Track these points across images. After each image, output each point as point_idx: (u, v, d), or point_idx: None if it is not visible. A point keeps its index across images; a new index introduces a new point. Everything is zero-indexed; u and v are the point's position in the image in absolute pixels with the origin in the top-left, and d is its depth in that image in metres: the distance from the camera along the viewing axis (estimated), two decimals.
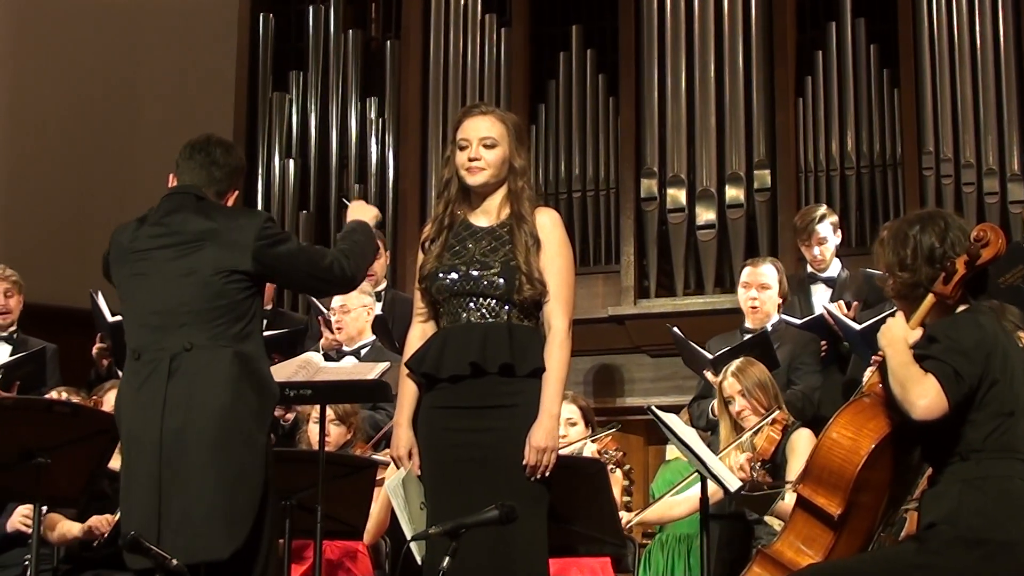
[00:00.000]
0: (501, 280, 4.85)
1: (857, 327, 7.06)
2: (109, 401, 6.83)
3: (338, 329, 7.67)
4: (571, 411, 7.07)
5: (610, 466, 6.76)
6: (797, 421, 6.68)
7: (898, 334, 4.36)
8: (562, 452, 6.48)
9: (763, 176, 9.93)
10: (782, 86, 10.09)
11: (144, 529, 4.70)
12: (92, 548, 6.36)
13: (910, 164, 9.66)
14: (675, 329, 7.75)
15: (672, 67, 10.24)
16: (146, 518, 4.80)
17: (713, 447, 6.70)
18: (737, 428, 6.70)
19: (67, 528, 6.43)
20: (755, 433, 6.54)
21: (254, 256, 4.97)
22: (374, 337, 7.72)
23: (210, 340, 4.91)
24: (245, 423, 4.88)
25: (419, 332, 5.04)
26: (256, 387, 4.95)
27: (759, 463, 6.35)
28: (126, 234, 5.17)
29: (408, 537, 5.00)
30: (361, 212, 5.42)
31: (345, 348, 7.62)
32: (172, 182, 5.29)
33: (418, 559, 4.92)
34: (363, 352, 7.56)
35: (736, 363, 6.78)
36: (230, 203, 5.23)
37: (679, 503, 6.77)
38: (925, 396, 4.19)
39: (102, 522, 6.30)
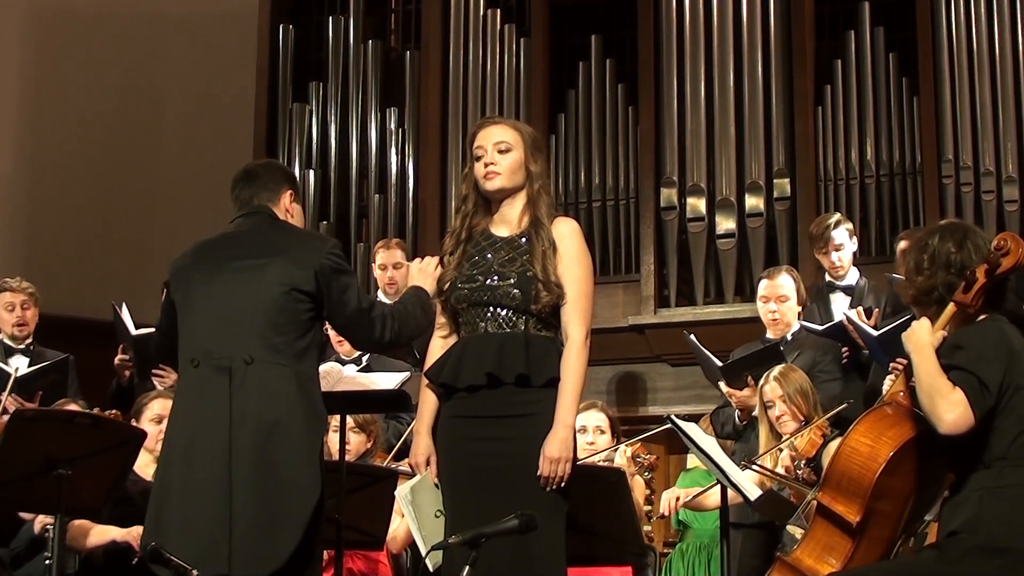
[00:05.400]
0: (517, 291, 4.85)
1: (875, 333, 7.04)
2: (153, 409, 6.78)
3: (339, 341, 7.60)
4: (599, 419, 7.08)
5: (642, 471, 6.77)
6: (836, 430, 6.65)
7: (925, 339, 4.34)
8: (592, 458, 6.52)
9: (783, 185, 9.92)
10: (801, 95, 10.09)
11: (211, 538, 4.76)
12: (121, 558, 6.35)
13: (929, 172, 9.66)
14: (691, 337, 7.74)
15: (691, 76, 10.25)
16: (213, 529, 4.81)
17: (738, 456, 6.69)
18: (776, 434, 6.69)
19: (104, 530, 6.36)
20: (796, 438, 6.52)
21: (315, 275, 5.00)
22: None
23: (270, 356, 4.93)
24: (302, 444, 4.90)
25: (439, 344, 5.05)
26: (310, 409, 4.97)
27: (803, 461, 6.34)
28: (192, 250, 5.25)
29: (420, 545, 5.01)
30: (421, 278, 5.35)
31: (345, 357, 7.54)
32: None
33: (430, 567, 4.92)
34: (364, 359, 7.51)
35: (778, 368, 6.79)
36: (284, 201, 5.27)
37: (713, 493, 6.71)
38: (952, 411, 4.18)
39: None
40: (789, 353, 7.33)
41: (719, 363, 7.36)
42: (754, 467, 6.26)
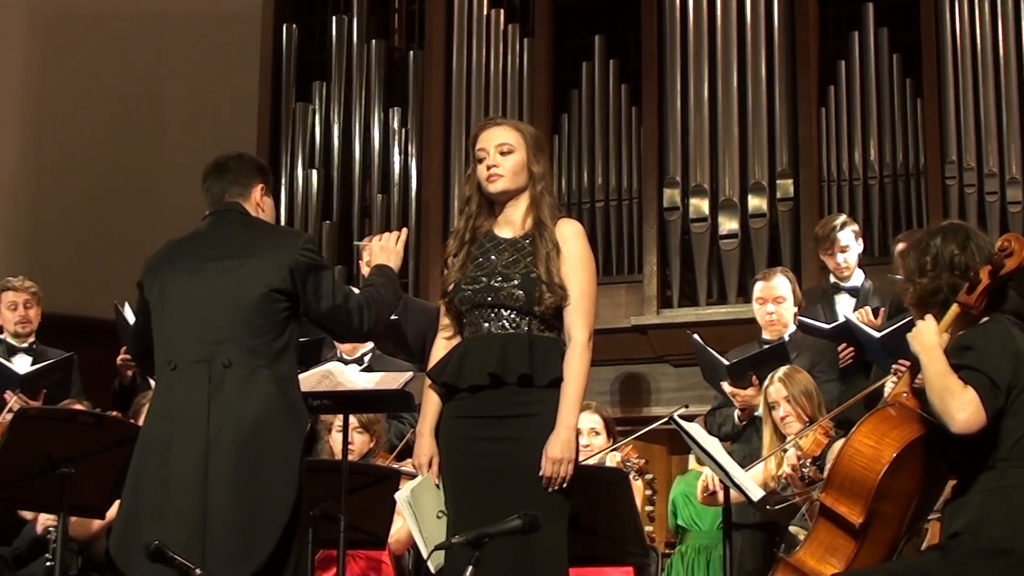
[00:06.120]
0: (520, 292, 4.87)
1: (877, 335, 7.03)
2: None
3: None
4: (594, 421, 7.07)
5: (632, 475, 6.75)
6: (840, 431, 6.64)
7: (932, 339, 4.33)
8: (587, 462, 6.52)
9: (786, 185, 9.92)
10: (805, 96, 10.08)
11: (187, 540, 4.72)
12: None
13: (933, 173, 9.64)
14: (695, 336, 7.74)
15: (695, 77, 10.24)
16: (188, 529, 4.77)
17: (736, 457, 6.69)
18: (780, 435, 6.68)
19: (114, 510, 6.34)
20: (801, 438, 6.51)
21: (291, 273, 4.98)
22: (372, 344, 7.64)
23: (248, 358, 4.90)
24: (281, 445, 4.89)
25: (443, 346, 5.06)
26: (290, 410, 4.95)
27: (809, 460, 6.34)
28: (164, 250, 5.21)
29: (421, 548, 5.01)
30: (384, 256, 5.35)
31: (347, 357, 7.54)
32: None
33: (432, 568, 4.93)
34: (366, 359, 7.52)
35: (783, 369, 6.79)
36: (256, 196, 5.24)
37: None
38: (965, 410, 4.17)
39: None
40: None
41: (726, 362, 7.35)
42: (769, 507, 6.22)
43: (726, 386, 7.28)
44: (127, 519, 4.92)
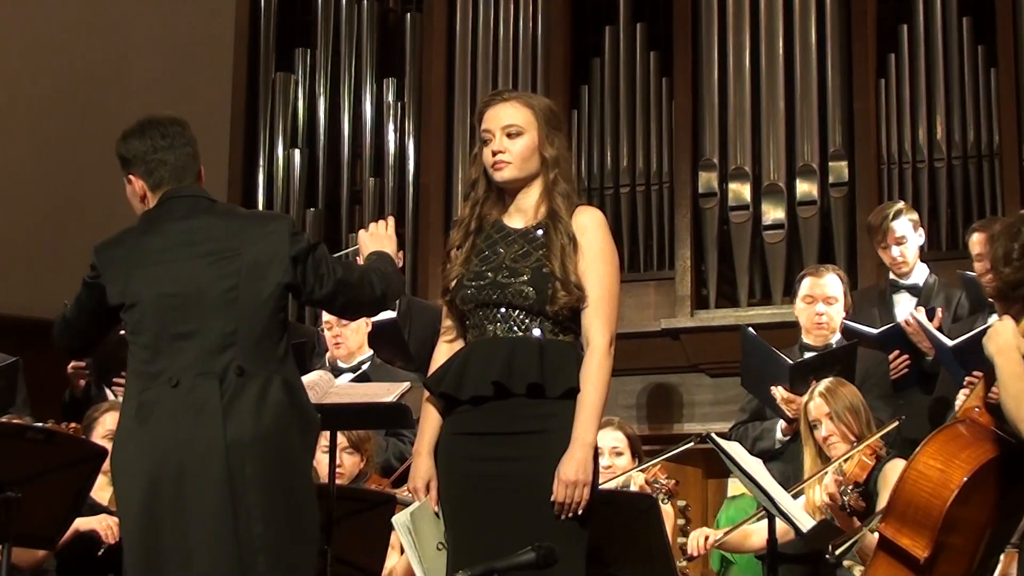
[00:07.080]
0: (531, 289, 4.83)
1: (950, 343, 6.99)
2: (105, 424, 6.81)
3: (336, 344, 7.62)
4: (617, 439, 7.06)
5: (661, 498, 6.73)
6: (892, 451, 6.62)
7: (1010, 341, 4.32)
8: (607, 485, 6.49)
9: (839, 168, 9.91)
10: (861, 65, 10.07)
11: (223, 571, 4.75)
12: (85, 556, 6.39)
13: (1009, 154, 9.63)
14: (749, 329, 7.70)
15: (734, 43, 10.24)
16: (220, 559, 4.78)
17: (775, 477, 6.68)
18: (823, 456, 6.67)
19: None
20: (845, 460, 6.50)
21: (292, 262, 4.99)
22: (371, 352, 7.68)
23: (259, 365, 4.91)
24: (300, 457, 4.95)
25: (445, 351, 5.03)
26: (303, 417, 4.98)
27: (851, 487, 6.32)
28: (125, 247, 5.17)
29: None
30: (375, 243, 5.40)
31: (342, 365, 7.57)
32: (135, 183, 5.27)
33: None
34: (363, 368, 7.53)
35: (825, 383, 6.76)
36: (202, 176, 5.25)
37: (757, 531, 6.69)
38: None
39: (110, 527, 6.32)
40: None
41: (790, 361, 7.31)
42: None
43: (781, 391, 7.24)
44: (139, 564, 4.90)
